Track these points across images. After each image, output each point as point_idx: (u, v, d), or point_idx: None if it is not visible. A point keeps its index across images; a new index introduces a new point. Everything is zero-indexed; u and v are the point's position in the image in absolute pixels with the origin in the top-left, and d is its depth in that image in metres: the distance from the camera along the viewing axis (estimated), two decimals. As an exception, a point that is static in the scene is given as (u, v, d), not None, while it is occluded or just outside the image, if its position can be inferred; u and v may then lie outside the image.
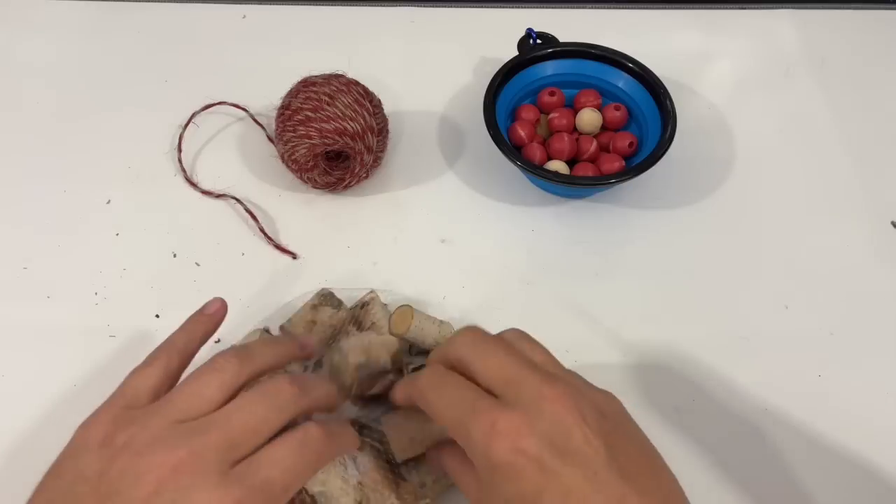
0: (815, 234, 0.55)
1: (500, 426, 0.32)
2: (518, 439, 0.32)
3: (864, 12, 0.70)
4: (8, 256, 0.54)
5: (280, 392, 0.35)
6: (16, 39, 0.68)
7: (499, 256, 0.54)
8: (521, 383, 0.34)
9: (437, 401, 0.36)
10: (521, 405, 0.33)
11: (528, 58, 0.59)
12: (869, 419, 0.47)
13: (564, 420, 0.33)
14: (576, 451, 0.32)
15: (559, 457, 0.32)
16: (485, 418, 0.33)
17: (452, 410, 0.35)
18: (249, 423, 0.34)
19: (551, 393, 0.33)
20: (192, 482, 0.32)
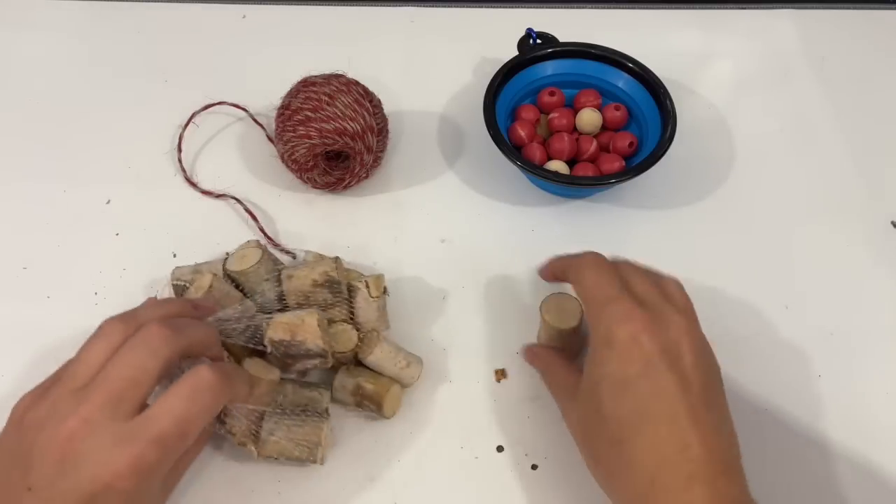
0: (815, 234, 0.55)
1: (634, 315, 0.38)
2: (643, 332, 0.37)
3: (864, 12, 0.70)
4: (8, 256, 0.54)
5: (150, 337, 0.37)
6: (16, 39, 0.68)
7: (499, 256, 0.54)
8: (664, 306, 0.39)
9: (591, 277, 0.41)
10: (657, 317, 0.38)
11: (528, 58, 0.59)
12: (869, 419, 0.47)
13: (683, 344, 0.38)
14: (680, 369, 0.37)
15: (667, 363, 0.37)
16: (626, 305, 0.38)
17: (601, 289, 0.40)
18: (126, 373, 0.35)
19: (683, 322, 0.39)
20: (88, 446, 0.34)
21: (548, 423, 0.47)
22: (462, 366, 0.49)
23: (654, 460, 0.36)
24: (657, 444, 0.36)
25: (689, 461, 0.35)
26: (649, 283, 0.41)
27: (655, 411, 0.36)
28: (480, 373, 0.49)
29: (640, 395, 0.37)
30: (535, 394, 0.48)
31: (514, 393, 0.48)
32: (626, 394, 0.37)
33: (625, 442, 0.36)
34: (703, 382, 0.37)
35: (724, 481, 0.35)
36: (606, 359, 0.38)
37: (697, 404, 0.36)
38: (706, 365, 0.38)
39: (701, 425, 0.36)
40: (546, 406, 0.47)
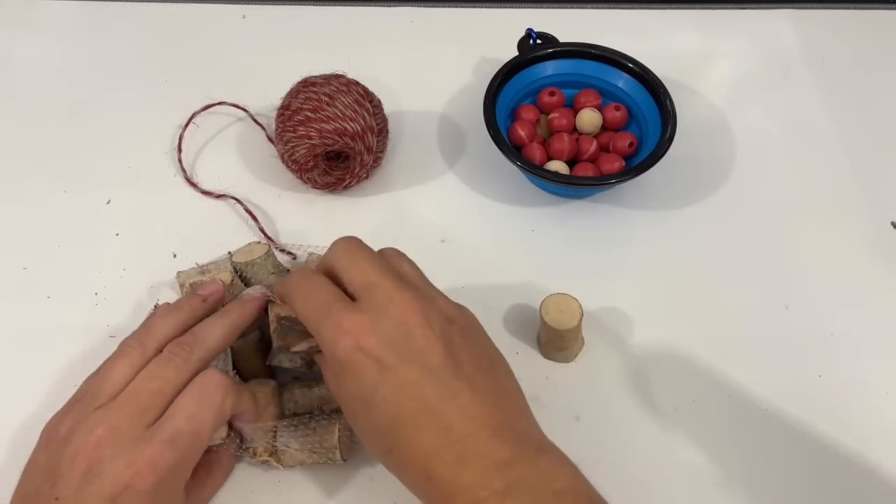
0: (815, 234, 0.55)
1: (345, 325, 0.36)
2: (360, 338, 0.35)
3: (864, 12, 0.70)
4: (8, 256, 0.54)
5: (175, 353, 0.39)
6: (16, 39, 0.68)
7: (499, 256, 0.54)
8: (376, 288, 0.37)
9: (300, 300, 0.39)
10: (371, 308, 0.36)
11: (528, 58, 0.59)
12: (869, 419, 0.47)
13: (408, 322, 0.36)
14: (415, 350, 0.35)
15: (398, 355, 0.35)
16: (334, 318, 0.36)
17: (310, 310, 0.38)
18: (153, 386, 0.38)
19: (400, 298, 0.36)
20: (112, 452, 0.36)
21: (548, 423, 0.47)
22: (462, 366, 0.49)
23: (421, 458, 0.35)
24: (418, 441, 0.35)
25: (454, 442, 0.34)
26: (361, 269, 0.38)
27: (404, 412, 0.35)
28: (480, 373, 0.49)
29: (386, 403, 0.35)
30: (535, 393, 0.48)
31: (514, 393, 0.48)
32: (372, 408, 0.35)
33: (392, 450, 0.35)
34: (446, 349, 0.36)
35: (495, 444, 0.34)
36: (342, 381, 0.36)
37: (447, 377, 0.35)
38: (440, 328, 0.36)
39: (456, 400, 0.35)
40: (546, 406, 0.47)
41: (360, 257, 0.39)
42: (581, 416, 0.47)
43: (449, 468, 0.34)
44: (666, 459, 0.46)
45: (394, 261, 0.40)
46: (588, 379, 0.49)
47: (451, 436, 0.34)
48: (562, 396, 0.48)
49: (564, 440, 0.46)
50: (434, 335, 0.36)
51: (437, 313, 0.37)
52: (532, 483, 0.34)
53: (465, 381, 0.35)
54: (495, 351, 0.39)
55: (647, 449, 0.46)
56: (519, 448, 0.35)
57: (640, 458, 0.46)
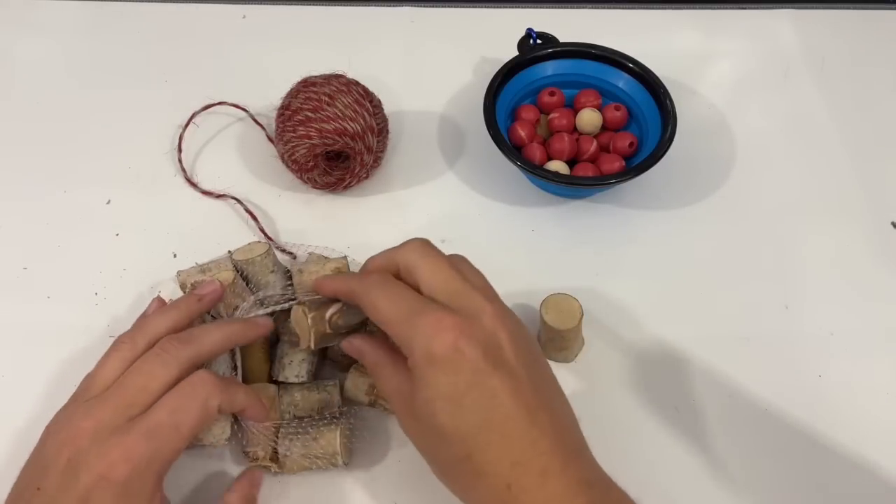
0: (815, 234, 0.55)
1: (446, 323, 0.36)
2: (461, 338, 0.35)
3: (864, 12, 0.70)
4: (8, 256, 0.54)
5: (164, 349, 0.39)
6: (16, 39, 0.68)
7: (499, 256, 0.54)
8: (466, 296, 0.37)
9: (382, 298, 0.38)
10: (463, 313, 0.36)
11: (528, 58, 0.59)
12: (869, 419, 0.47)
13: (499, 334, 0.36)
14: (505, 362, 0.36)
15: (492, 363, 0.35)
16: (433, 315, 0.36)
17: (399, 307, 0.37)
18: (138, 381, 0.38)
19: (491, 309, 0.37)
20: (90, 443, 0.36)
21: (548, 423, 0.47)
22: (462, 366, 0.49)
23: (505, 466, 0.35)
24: (505, 449, 0.35)
25: (539, 455, 0.35)
26: (445, 275, 0.38)
27: (495, 418, 0.35)
28: (480, 373, 0.49)
29: (477, 406, 0.35)
30: (536, 394, 0.48)
31: (514, 393, 0.48)
32: (462, 409, 0.35)
33: (473, 456, 0.35)
34: (528, 368, 0.37)
35: (575, 466, 0.35)
36: (432, 378, 0.36)
37: (530, 394, 0.36)
38: (524, 347, 0.37)
39: (540, 415, 0.35)
40: (546, 406, 0.47)
41: (440, 263, 0.39)
42: (581, 416, 0.47)
43: (533, 479, 0.34)
44: (666, 459, 0.46)
45: (466, 270, 0.40)
46: (588, 379, 0.49)
47: (537, 449, 0.35)
48: (562, 396, 0.48)
49: (564, 440, 0.46)
50: (519, 350, 0.37)
51: (518, 330, 0.38)
52: None
53: (544, 403, 0.36)
54: (555, 381, 0.39)
55: (647, 449, 0.46)
56: (593, 473, 0.36)
57: (640, 457, 0.46)
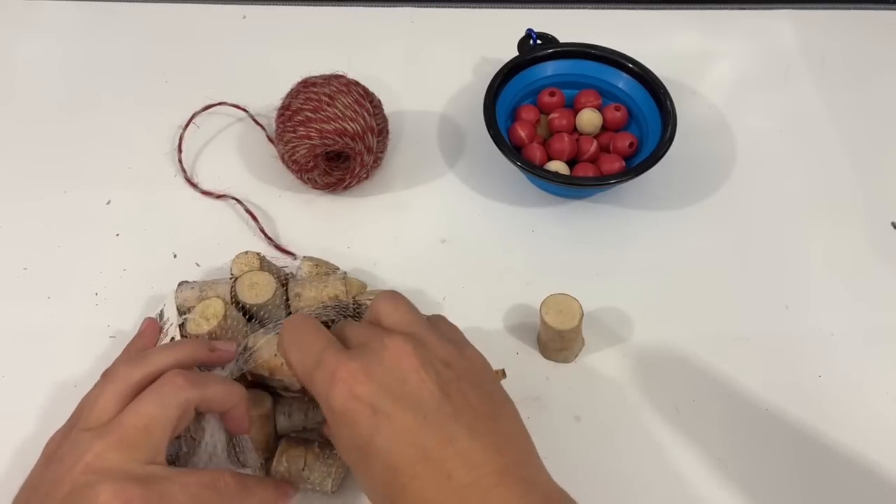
0: (815, 234, 0.55)
1: (339, 374, 0.35)
2: (354, 386, 0.34)
3: (864, 12, 0.70)
4: (8, 256, 0.54)
5: (163, 386, 0.38)
6: (16, 39, 0.68)
7: (499, 256, 0.54)
8: (369, 338, 0.37)
9: (292, 352, 0.38)
10: (364, 354, 0.36)
11: (529, 58, 0.59)
12: (869, 419, 0.47)
13: (401, 367, 0.35)
14: (409, 395, 0.34)
15: (392, 401, 0.34)
16: (326, 368, 0.35)
17: (302, 362, 0.37)
18: (138, 423, 0.36)
19: (392, 343, 0.36)
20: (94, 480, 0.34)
21: (548, 423, 0.47)
22: (462, 366, 0.49)
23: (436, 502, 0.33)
24: (419, 491, 0.33)
25: (455, 492, 0.32)
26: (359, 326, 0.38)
27: (403, 459, 0.33)
28: (481, 373, 0.49)
29: (382, 452, 0.34)
30: (536, 394, 0.48)
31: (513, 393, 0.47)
32: (370, 459, 0.34)
33: (395, 501, 0.34)
34: (443, 392, 0.35)
35: (498, 495, 0.33)
36: (339, 429, 0.35)
37: (441, 425, 0.34)
38: (435, 372, 0.35)
39: (454, 446, 0.33)
40: (546, 406, 0.47)
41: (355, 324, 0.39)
42: (581, 416, 0.47)
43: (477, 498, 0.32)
44: (666, 459, 0.46)
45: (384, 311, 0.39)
46: (588, 379, 0.49)
47: (452, 485, 0.33)
48: (562, 396, 0.48)
49: (564, 440, 0.46)
50: (429, 378, 0.35)
51: (432, 357, 0.36)
52: None
53: (464, 426, 0.34)
54: (500, 395, 0.38)
55: (648, 449, 0.46)
56: (525, 497, 0.33)
57: (640, 458, 0.46)
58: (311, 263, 0.50)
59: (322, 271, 0.50)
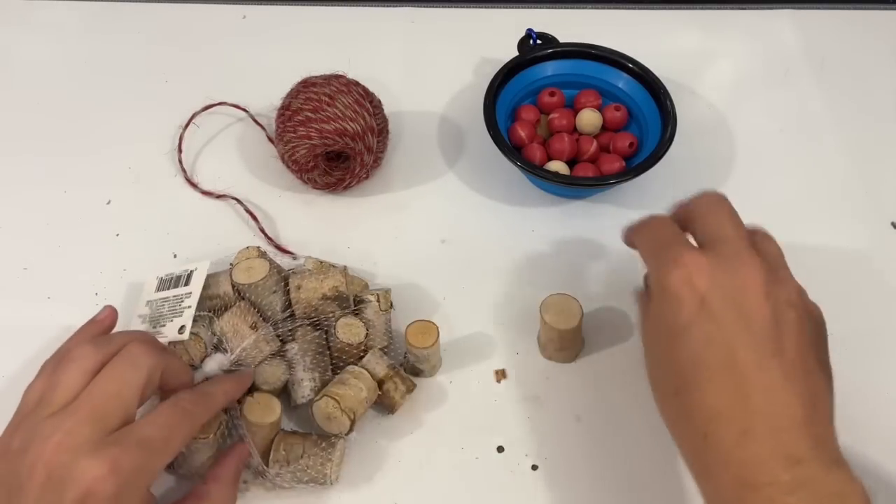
0: (815, 234, 0.55)
1: (684, 259, 0.35)
2: (695, 274, 0.35)
3: (864, 12, 0.70)
4: (8, 257, 0.54)
5: (130, 351, 0.38)
6: (16, 39, 0.68)
7: (499, 256, 0.54)
8: (727, 242, 0.36)
9: (643, 234, 0.39)
10: (715, 256, 0.36)
11: (529, 58, 0.59)
12: (869, 419, 0.47)
13: (746, 284, 0.35)
14: (742, 309, 0.34)
15: (724, 306, 0.34)
16: (674, 250, 0.36)
17: (651, 243, 0.38)
18: (109, 388, 0.37)
19: (750, 260, 0.35)
20: (71, 458, 0.34)
21: (548, 423, 0.47)
22: (462, 366, 0.49)
23: (706, 413, 0.33)
24: (711, 395, 0.33)
25: (745, 414, 0.33)
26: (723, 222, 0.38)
27: (710, 358, 0.34)
28: (480, 373, 0.49)
29: (693, 343, 0.34)
30: (535, 394, 0.48)
31: (514, 393, 0.48)
32: (679, 343, 0.35)
33: (680, 393, 0.35)
34: (775, 325, 0.34)
35: (789, 438, 0.32)
36: (657, 309, 0.36)
37: (761, 350, 0.34)
38: (777, 306, 0.35)
39: (764, 376, 0.33)
40: (546, 406, 0.47)
41: (722, 210, 0.38)
42: (581, 416, 0.47)
43: (731, 436, 0.33)
44: (666, 459, 0.45)
45: (758, 237, 0.39)
46: (588, 379, 0.49)
47: (747, 406, 0.33)
48: (562, 396, 0.48)
49: (564, 440, 0.46)
50: (768, 307, 0.34)
51: (781, 291, 0.35)
52: (820, 492, 0.32)
53: (781, 364, 0.34)
54: (826, 358, 0.37)
55: (648, 449, 0.46)
56: (814, 451, 0.32)
57: (640, 458, 0.46)
58: (314, 261, 0.50)
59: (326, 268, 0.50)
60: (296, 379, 0.45)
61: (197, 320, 0.46)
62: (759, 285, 0.35)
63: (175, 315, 0.46)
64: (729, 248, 0.36)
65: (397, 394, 0.45)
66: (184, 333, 0.45)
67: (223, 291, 0.47)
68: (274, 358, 0.46)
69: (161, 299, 0.48)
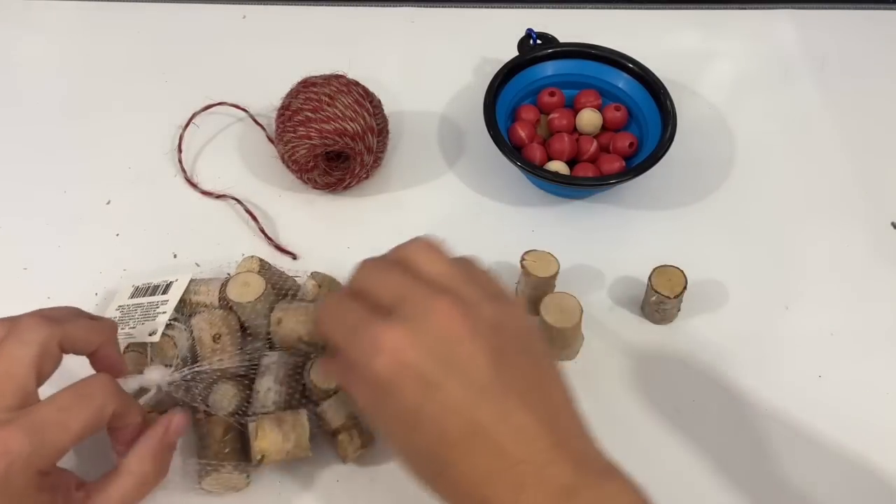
0: (815, 234, 0.55)
1: (381, 341, 0.32)
2: (400, 354, 0.32)
3: (864, 12, 0.70)
4: (8, 257, 0.54)
5: (18, 327, 0.36)
6: (16, 39, 0.68)
7: (499, 256, 0.54)
8: (410, 298, 0.34)
9: (330, 324, 0.36)
10: (408, 320, 0.33)
11: (529, 58, 0.59)
12: (869, 419, 0.47)
13: (451, 333, 0.32)
14: (460, 365, 0.32)
15: (443, 371, 0.32)
16: (368, 335, 0.33)
17: (341, 331, 0.35)
18: (2, 367, 0.35)
19: (439, 305, 0.33)
20: None
21: (548, 423, 0.47)
22: (462, 366, 0.49)
23: (474, 484, 0.32)
24: (471, 465, 0.32)
25: (510, 468, 0.31)
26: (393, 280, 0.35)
27: (454, 433, 0.32)
28: (481, 373, 0.49)
29: (432, 422, 0.32)
30: (536, 394, 0.48)
31: (514, 393, 0.48)
32: (418, 429, 0.32)
33: (444, 472, 0.32)
34: (495, 360, 0.32)
35: (554, 470, 0.31)
36: (382, 400, 0.33)
37: (495, 398, 0.32)
38: (486, 338, 0.33)
39: (509, 422, 0.32)
40: (546, 406, 0.47)
41: (385, 271, 0.36)
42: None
43: (506, 495, 0.31)
44: (666, 459, 0.46)
45: (423, 261, 0.36)
46: (588, 379, 0.48)
47: (507, 460, 0.31)
48: (562, 396, 0.48)
49: (564, 440, 0.46)
50: (480, 348, 0.33)
51: (481, 320, 0.33)
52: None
53: (518, 399, 0.32)
54: (547, 357, 0.36)
55: (648, 449, 0.46)
56: (580, 471, 0.32)
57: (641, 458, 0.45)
58: (314, 283, 0.49)
59: (325, 291, 0.48)
60: (262, 387, 0.44)
61: (174, 325, 0.45)
62: (462, 330, 0.33)
63: (147, 320, 0.46)
64: (415, 304, 0.33)
65: (351, 447, 0.43)
66: (154, 336, 0.44)
67: (209, 302, 0.47)
68: (230, 380, 0.44)
69: (134, 305, 0.48)
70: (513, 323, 0.35)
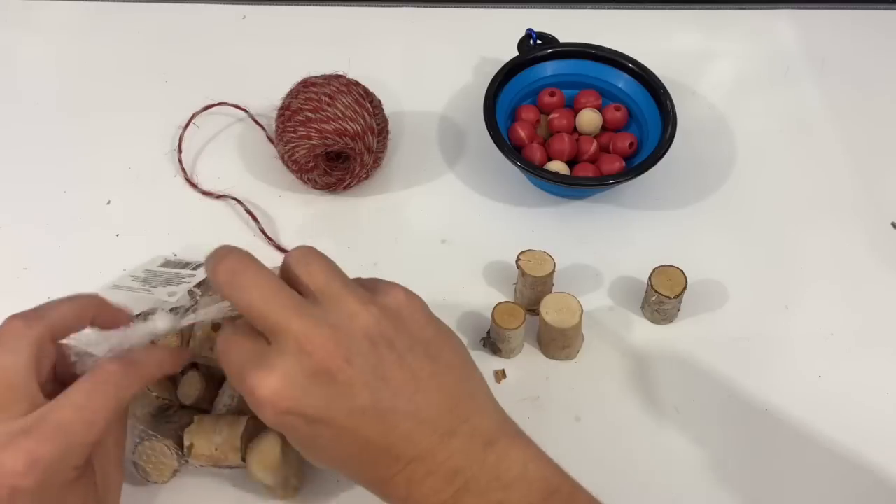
0: (815, 234, 0.55)
1: (259, 394, 0.33)
2: (279, 403, 0.32)
3: (864, 12, 0.70)
4: (8, 257, 0.54)
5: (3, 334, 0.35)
6: (16, 39, 0.68)
7: (499, 257, 0.54)
8: (283, 332, 0.33)
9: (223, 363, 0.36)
10: (281, 365, 0.33)
11: (529, 58, 0.59)
12: (869, 419, 0.47)
13: (324, 368, 0.33)
14: (340, 395, 0.33)
15: (324, 406, 0.33)
16: (248, 386, 0.33)
17: (232, 373, 0.35)
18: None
19: (305, 339, 0.33)
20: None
21: (547, 423, 0.47)
22: (462, 366, 0.49)
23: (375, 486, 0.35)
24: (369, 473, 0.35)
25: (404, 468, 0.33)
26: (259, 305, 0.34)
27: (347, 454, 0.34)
28: (481, 373, 0.49)
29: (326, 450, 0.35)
30: (535, 394, 0.48)
31: (514, 393, 0.48)
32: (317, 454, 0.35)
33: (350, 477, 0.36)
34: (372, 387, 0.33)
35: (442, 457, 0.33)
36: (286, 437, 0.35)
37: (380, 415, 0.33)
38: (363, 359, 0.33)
39: (397, 432, 0.33)
40: (546, 406, 0.47)
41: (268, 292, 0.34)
42: (581, 416, 0.47)
43: (401, 491, 0.34)
44: (666, 459, 0.46)
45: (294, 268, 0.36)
46: (588, 379, 0.49)
47: (399, 463, 0.33)
48: (562, 396, 0.48)
49: (564, 440, 0.46)
50: (358, 372, 0.33)
51: (355, 339, 0.33)
52: (480, 485, 0.33)
53: (404, 404, 0.33)
54: (436, 338, 0.36)
55: (648, 449, 0.46)
56: (467, 450, 0.34)
57: (640, 458, 0.46)
58: None
59: None
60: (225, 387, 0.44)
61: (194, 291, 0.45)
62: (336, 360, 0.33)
63: (171, 284, 0.45)
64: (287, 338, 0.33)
65: None
66: (173, 297, 0.43)
67: None
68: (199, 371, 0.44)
69: (162, 271, 0.47)
70: (389, 318, 0.35)
